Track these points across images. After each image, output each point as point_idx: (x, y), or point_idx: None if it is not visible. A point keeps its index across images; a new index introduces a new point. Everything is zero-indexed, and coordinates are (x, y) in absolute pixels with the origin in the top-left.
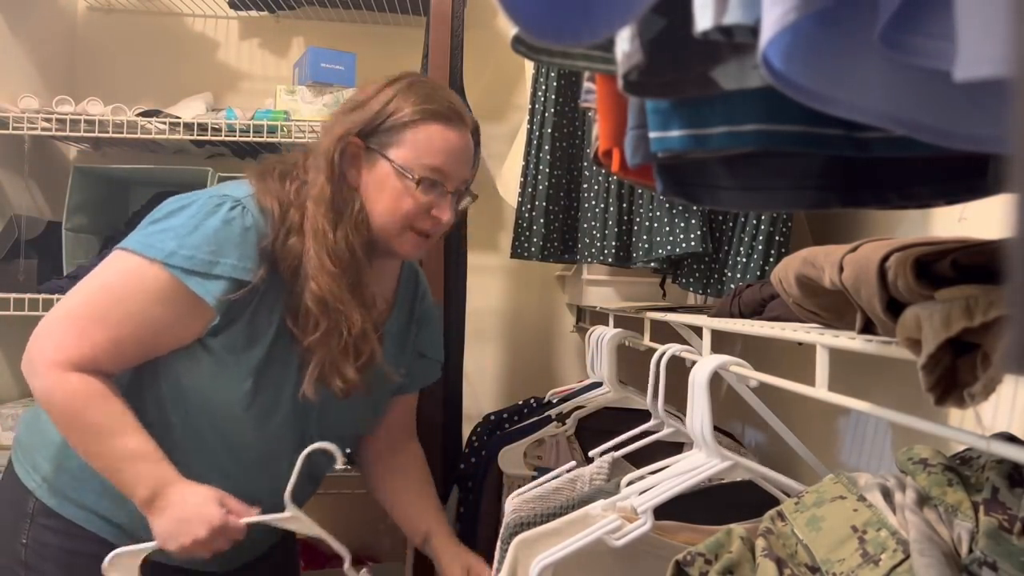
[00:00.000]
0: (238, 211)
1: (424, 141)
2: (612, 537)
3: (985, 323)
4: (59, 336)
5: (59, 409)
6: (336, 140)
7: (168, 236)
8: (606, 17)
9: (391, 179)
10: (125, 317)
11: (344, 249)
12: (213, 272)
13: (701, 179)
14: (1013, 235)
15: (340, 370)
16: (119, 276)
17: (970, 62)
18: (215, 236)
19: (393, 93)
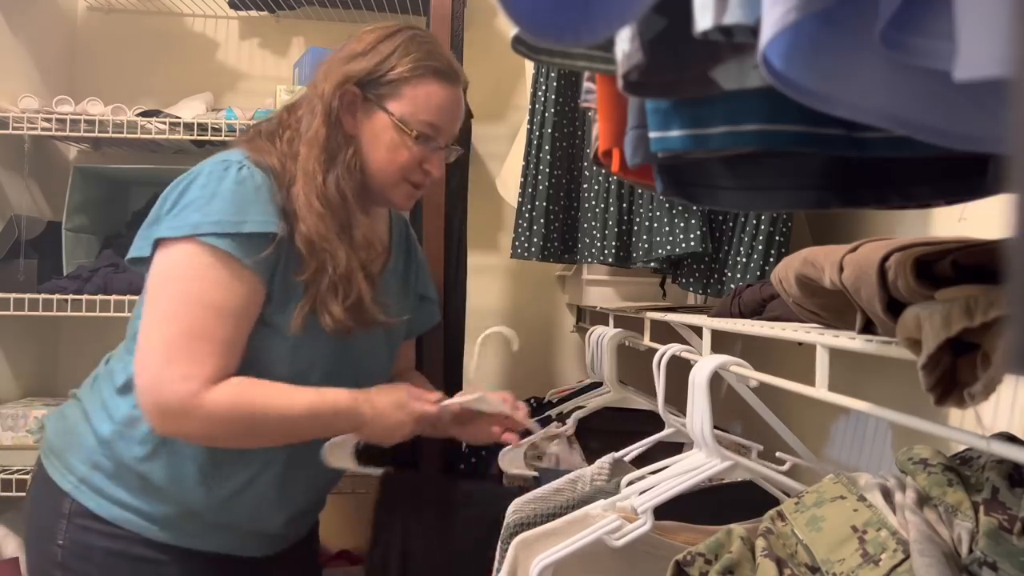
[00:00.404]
0: (246, 171)
1: (423, 97)
2: (612, 537)
3: (985, 323)
4: (177, 371)
5: (227, 426)
6: (335, 87)
7: (189, 211)
8: (606, 17)
9: (388, 131)
10: (218, 317)
11: (334, 191)
12: (242, 231)
13: (701, 179)
14: (1013, 235)
15: (328, 307)
16: (175, 278)
17: (970, 62)
18: (233, 198)
19: (394, 46)
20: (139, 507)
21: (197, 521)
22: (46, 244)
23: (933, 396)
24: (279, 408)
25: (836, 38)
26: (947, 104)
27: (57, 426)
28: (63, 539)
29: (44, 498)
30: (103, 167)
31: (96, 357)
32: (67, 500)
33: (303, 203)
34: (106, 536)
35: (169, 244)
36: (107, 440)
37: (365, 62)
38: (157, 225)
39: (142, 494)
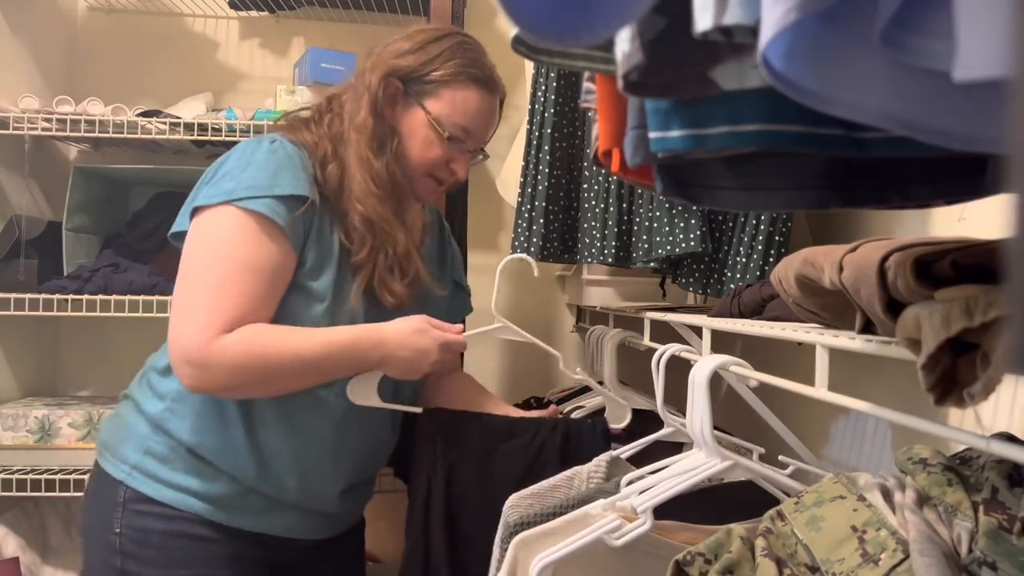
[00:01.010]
0: (278, 143)
1: (460, 101)
2: (612, 537)
3: (985, 323)
4: (195, 322)
5: (245, 369)
6: (381, 79)
7: (225, 180)
8: (606, 17)
9: (423, 128)
10: (243, 272)
11: (386, 176)
12: (275, 193)
13: (701, 179)
14: (1013, 235)
15: (388, 285)
16: (211, 238)
17: (970, 62)
18: (266, 164)
19: (441, 49)
20: (193, 487)
21: (250, 498)
22: (46, 244)
23: (933, 396)
24: (294, 347)
25: (836, 38)
26: (947, 104)
27: (109, 425)
28: (119, 527)
29: (99, 492)
30: (103, 167)
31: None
32: (121, 488)
33: (360, 186)
34: (162, 518)
35: (204, 211)
36: (157, 421)
37: (412, 59)
38: (195, 198)
39: (195, 474)
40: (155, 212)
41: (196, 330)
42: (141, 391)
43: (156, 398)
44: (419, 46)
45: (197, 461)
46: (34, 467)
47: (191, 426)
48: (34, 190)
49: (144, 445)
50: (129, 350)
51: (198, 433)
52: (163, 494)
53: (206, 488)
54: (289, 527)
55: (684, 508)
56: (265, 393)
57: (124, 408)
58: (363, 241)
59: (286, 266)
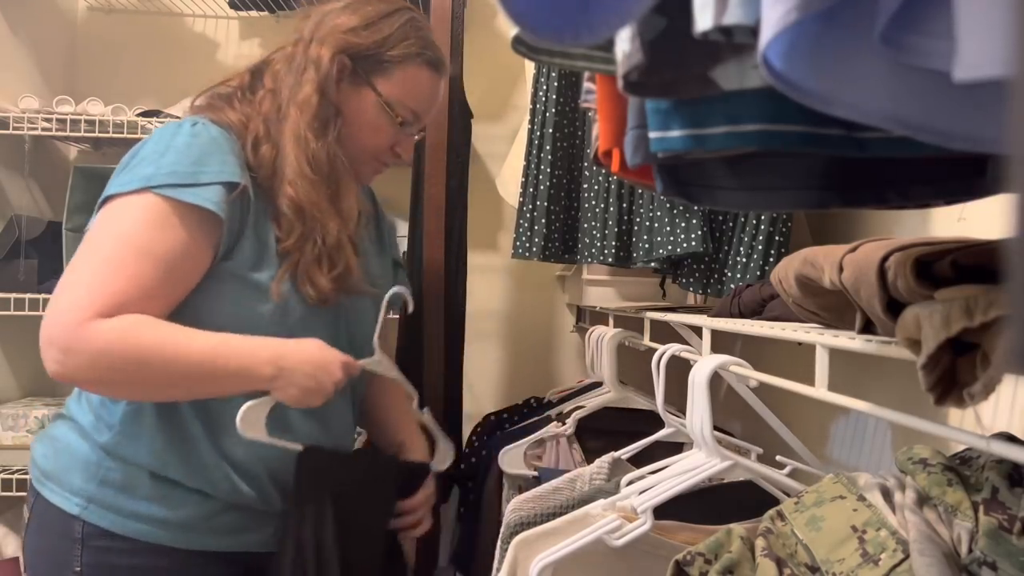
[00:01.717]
0: (200, 127)
1: (413, 83)
2: (612, 537)
3: (985, 323)
4: (71, 301)
5: (112, 360)
6: (332, 56)
7: (142, 165)
8: (606, 17)
9: (372, 111)
10: (137, 255)
11: (325, 159)
12: (201, 181)
13: (701, 179)
14: (1013, 235)
15: (312, 278)
16: (114, 221)
17: (970, 62)
18: (188, 150)
19: (394, 27)
20: (158, 515)
21: (226, 516)
22: (46, 244)
23: (933, 396)
24: (174, 345)
25: (836, 38)
26: (947, 104)
27: (46, 450)
28: (79, 565)
29: (48, 528)
30: (103, 167)
31: None
32: (77, 523)
33: (294, 168)
34: (127, 553)
35: (116, 199)
36: (111, 448)
37: (366, 37)
38: (108, 188)
39: (159, 500)
40: None
41: (69, 309)
42: (82, 412)
43: (104, 427)
44: (370, 21)
45: (161, 485)
46: None
47: (150, 448)
48: (34, 190)
49: (98, 474)
50: None
51: (159, 454)
52: (126, 527)
53: (173, 514)
54: (264, 541)
55: (684, 508)
56: (133, 394)
57: (61, 430)
58: (291, 228)
59: (196, 258)
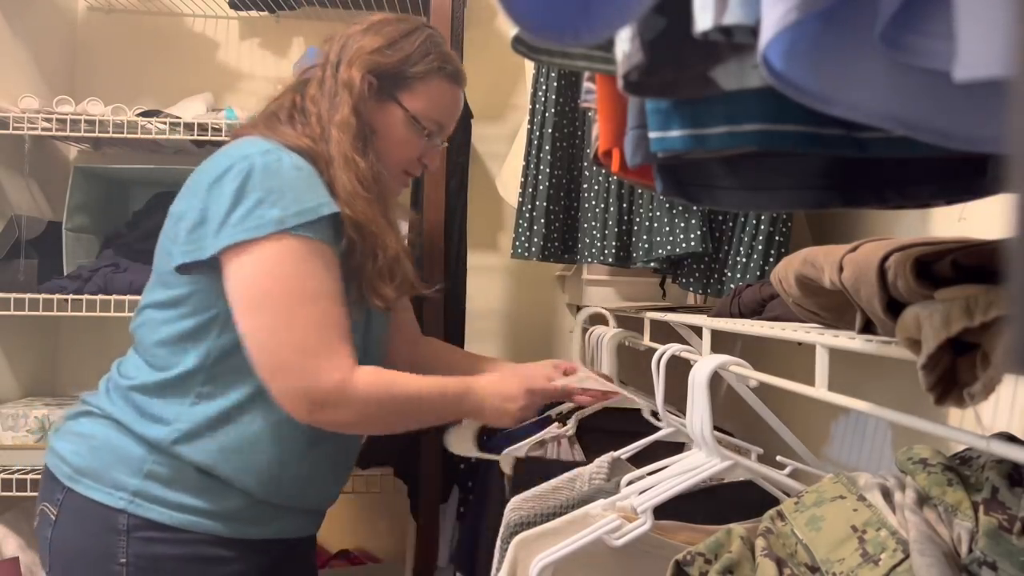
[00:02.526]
0: (295, 158)
1: (436, 96)
2: (612, 537)
3: (985, 323)
4: (321, 362)
5: (381, 408)
6: (362, 77)
7: (264, 208)
8: (606, 17)
9: (400, 125)
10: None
11: (372, 176)
12: (322, 215)
13: (701, 179)
14: (1013, 235)
15: (378, 289)
16: (268, 274)
17: (970, 62)
18: (296, 185)
19: (414, 45)
20: (203, 507)
21: (260, 508)
22: (46, 244)
23: (933, 396)
24: (416, 397)
25: (836, 38)
26: (947, 104)
27: (78, 448)
28: (125, 556)
29: (88, 522)
30: (103, 167)
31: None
32: (121, 516)
33: (348, 188)
34: (174, 543)
35: (252, 245)
36: (164, 445)
37: (390, 56)
38: (225, 228)
39: (204, 493)
40: (155, 212)
41: (327, 370)
42: (121, 409)
43: (152, 421)
44: (392, 40)
45: (207, 479)
46: (34, 467)
47: (208, 450)
48: (34, 190)
49: (143, 468)
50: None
51: (215, 455)
52: (174, 518)
53: (217, 506)
54: (293, 528)
55: (684, 508)
56: (381, 430)
57: (96, 427)
58: (353, 246)
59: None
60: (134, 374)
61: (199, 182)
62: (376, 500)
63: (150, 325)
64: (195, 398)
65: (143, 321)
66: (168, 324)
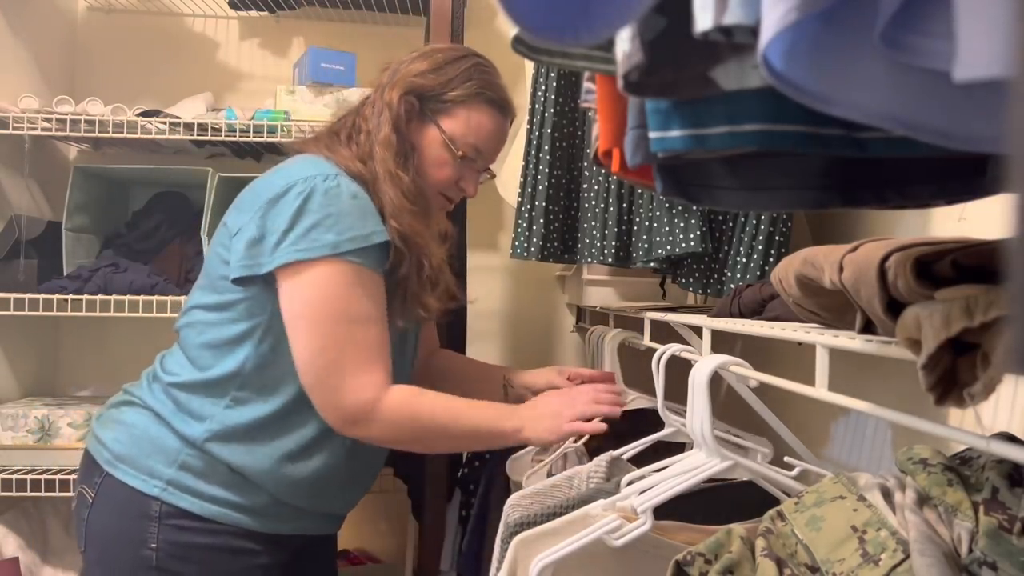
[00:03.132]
0: (354, 186)
1: (475, 121)
2: (612, 537)
3: (985, 323)
4: (355, 381)
5: (411, 428)
6: (402, 96)
7: (320, 231)
8: (606, 17)
9: (436, 146)
10: (366, 326)
11: (415, 191)
12: (373, 243)
13: (701, 179)
14: (1013, 235)
15: (422, 300)
16: (321, 291)
17: (970, 62)
18: (352, 212)
19: (459, 70)
20: (233, 500)
21: (287, 507)
22: (46, 244)
23: (933, 396)
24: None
25: (836, 38)
26: (947, 104)
27: (119, 435)
28: (156, 541)
29: (123, 506)
30: (103, 167)
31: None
32: (155, 503)
33: (394, 203)
34: (204, 532)
35: (305, 266)
36: (198, 441)
37: (431, 78)
38: (281, 246)
39: (235, 488)
40: (155, 212)
41: (358, 389)
42: (163, 405)
43: (190, 417)
44: (437, 66)
45: (236, 477)
46: (34, 467)
47: (238, 451)
48: (34, 190)
49: (178, 459)
50: (129, 350)
51: (244, 457)
52: (205, 509)
53: (247, 501)
54: (317, 526)
55: (684, 508)
56: (411, 447)
57: (137, 417)
58: (400, 258)
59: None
60: (177, 371)
61: (258, 196)
62: (376, 500)
63: (197, 326)
64: (230, 401)
65: (190, 321)
66: (214, 327)
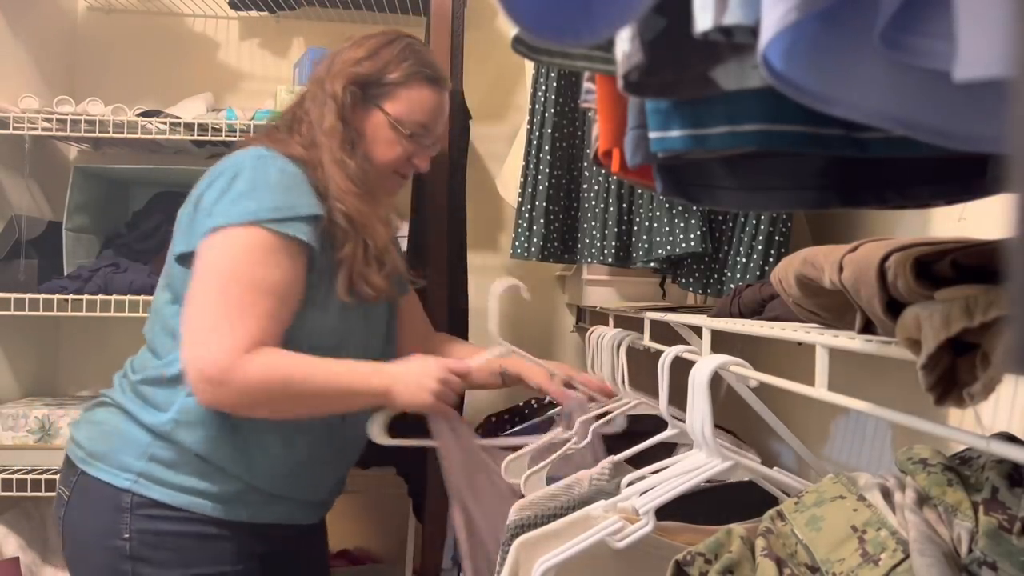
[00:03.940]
0: (283, 162)
1: (416, 100)
2: (614, 539)
3: (985, 323)
4: (219, 343)
5: (267, 392)
6: (344, 87)
7: (242, 200)
8: (606, 17)
9: (384, 129)
10: (259, 293)
11: (360, 174)
12: (299, 214)
13: (701, 179)
14: (1013, 235)
15: (367, 279)
16: (228, 254)
17: (969, 62)
18: (279, 185)
19: (392, 53)
20: (201, 488)
21: (260, 495)
22: (46, 244)
23: (933, 396)
24: (304, 379)
25: (836, 38)
26: (947, 104)
27: (91, 434)
28: (129, 532)
29: (96, 501)
30: (103, 167)
31: (96, 357)
32: (127, 496)
33: (340, 187)
34: (175, 520)
35: (222, 230)
36: (161, 432)
37: (368, 65)
38: (210, 217)
39: (204, 476)
40: (155, 212)
41: (215, 349)
42: (131, 402)
43: (155, 409)
44: (373, 51)
45: (205, 465)
46: (34, 467)
47: (203, 437)
48: (34, 190)
49: (147, 452)
50: (129, 350)
51: (209, 443)
52: (174, 498)
53: (217, 488)
54: (288, 514)
55: (684, 508)
56: (271, 414)
57: (107, 415)
58: (345, 238)
59: (299, 286)
60: (141, 367)
61: (199, 186)
62: (376, 500)
63: (158, 320)
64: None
65: (151, 316)
66: (172, 317)
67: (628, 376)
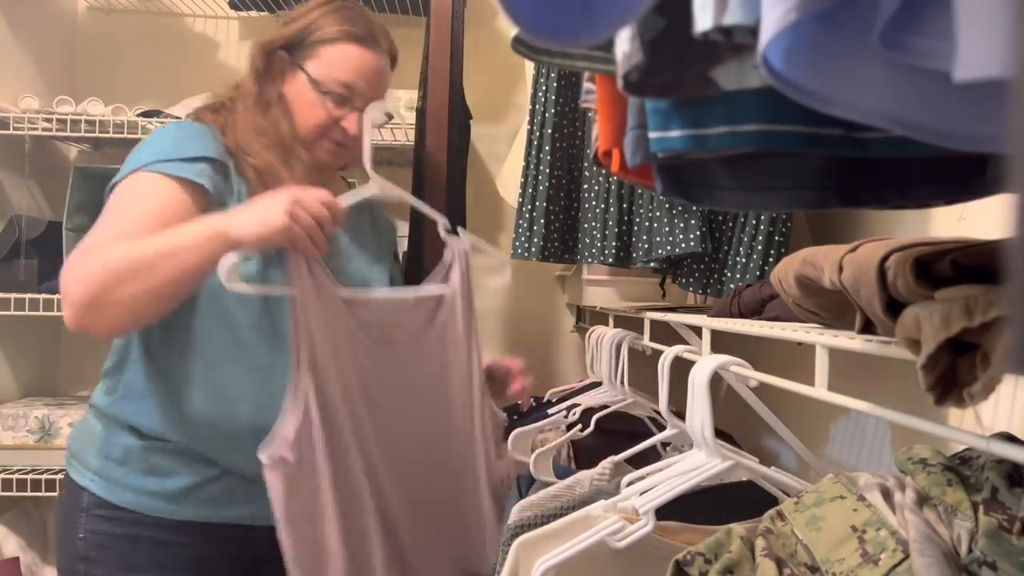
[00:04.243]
0: (186, 123)
1: (338, 58)
2: (614, 539)
3: (985, 323)
4: (82, 264)
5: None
6: (261, 48)
7: (140, 154)
8: (606, 17)
9: (305, 90)
10: (133, 222)
11: (273, 129)
12: (187, 156)
13: (701, 179)
14: (1013, 235)
15: None
16: (116, 201)
17: (969, 62)
18: (176, 137)
19: (318, 14)
20: (152, 487)
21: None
22: (46, 244)
23: (933, 396)
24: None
25: (836, 38)
26: (947, 104)
27: (74, 433)
28: (83, 532)
29: (66, 499)
30: (103, 167)
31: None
32: (85, 494)
33: (248, 142)
34: (123, 523)
35: (121, 182)
36: (112, 412)
37: (291, 28)
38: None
39: (154, 472)
40: None
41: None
42: (98, 395)
43: (106, 393)
44: (297, 15)
45: (152, 456)
46: (34, 467)
47: (142, 408)
48: (34, 190)
49: (103, 449)
50: None
51: (149, 414)
52: (123, 498)
53: (166, 485)
54: (256, 515)
55: (684, 508)
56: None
57: (88, 415)
58: (255, 192)
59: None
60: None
61: None
62: None
63: None
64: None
65: None
66: None
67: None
